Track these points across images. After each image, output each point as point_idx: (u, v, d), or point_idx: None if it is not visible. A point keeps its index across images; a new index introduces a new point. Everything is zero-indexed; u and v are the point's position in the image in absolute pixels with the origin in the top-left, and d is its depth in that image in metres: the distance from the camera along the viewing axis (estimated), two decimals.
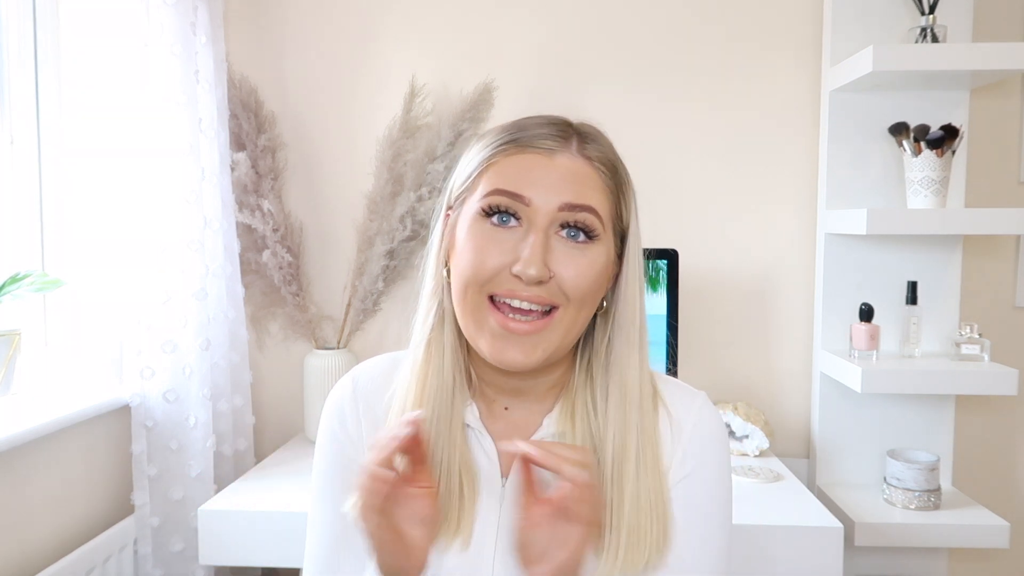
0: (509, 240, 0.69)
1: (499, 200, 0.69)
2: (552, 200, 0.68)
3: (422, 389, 0.75)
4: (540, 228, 0.68)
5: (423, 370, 0.76)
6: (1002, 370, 1.55)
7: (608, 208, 0.72)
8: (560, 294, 0.69)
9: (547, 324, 0.70)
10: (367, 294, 1.83)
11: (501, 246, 0.69)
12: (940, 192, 1.60)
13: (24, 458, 1.33)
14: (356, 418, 0.81)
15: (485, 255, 0.69)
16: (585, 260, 0.70)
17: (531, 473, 0.69)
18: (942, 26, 1.61)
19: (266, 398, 1.94)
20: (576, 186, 0.69)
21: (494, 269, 0.69)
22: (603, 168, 0.72)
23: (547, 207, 0.68)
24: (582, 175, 0.70)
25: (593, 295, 0.72)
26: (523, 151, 0.70)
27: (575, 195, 0.69)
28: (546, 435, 0.77)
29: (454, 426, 0.76)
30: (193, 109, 1.56)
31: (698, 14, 1.83)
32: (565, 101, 1.85)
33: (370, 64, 1.88)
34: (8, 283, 1.38)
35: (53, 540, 1.40)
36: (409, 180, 1.80)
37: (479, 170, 0.71)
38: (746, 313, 1.87)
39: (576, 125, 0.75)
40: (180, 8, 1.53)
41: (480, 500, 0.76)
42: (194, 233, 1.55)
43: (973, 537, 1.55)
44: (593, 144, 0.73)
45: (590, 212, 0.69)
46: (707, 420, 0.78)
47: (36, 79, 1.53)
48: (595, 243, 0.70)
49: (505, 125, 0.74)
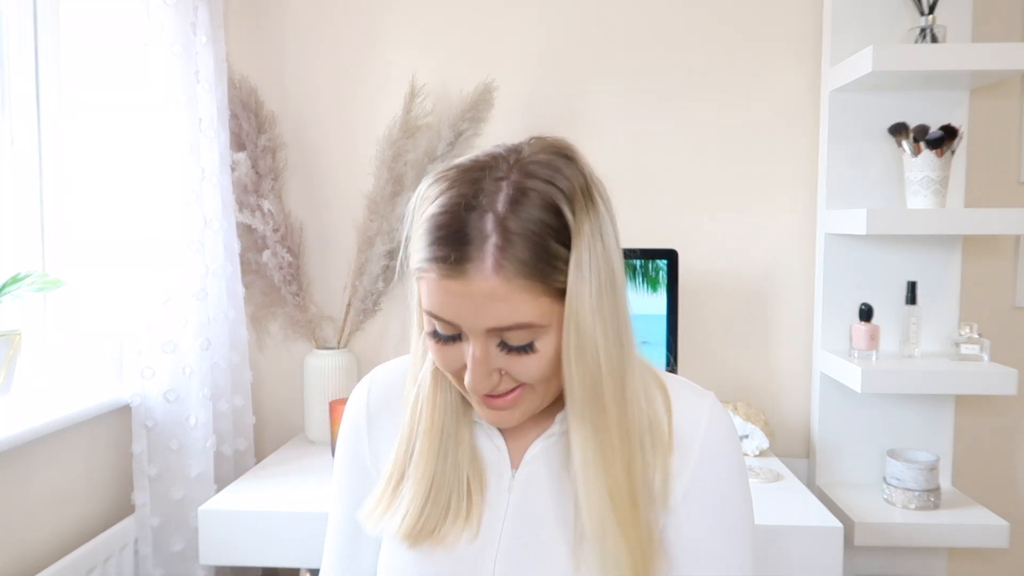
0: (457, 351, 0.71)
1: (435, 323, 0.70)
2: (479, 325, 0.67)
3: (432, 408, 0.78)
4: (477, 346, 0.68)
5: (432, 393, 0.79)
6: (1002, 370, 1.56)
7: (543, 305, 0.67)
8: (519, 382, 0.71)
9: (521, 393, 0.72)
10: (367, 294, 1.83)
11: (453, 357, 0.71)
12: (940, 192, 1.60)
13: (24, 458, 1.33)
14: (368, 427, 0.85)
15: (445, 362, 0.72)
16: (530, 359, 0.69)
17: None
18: (942, 26, 1.62)
19: (266, 398, 1.94)
20: (498, 308, 0.66)
21: (455, 373, 0.72)
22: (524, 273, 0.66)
23: (476, 330, 0.67)
24: (501, 295, 0.65)
25: (555, 369, 0.71)
26: (444, 277, 0.66)
27: (500, 319, 0.66)
28: (556, 432, 0.79)
29: (462, 425, 0.79)
30: (193, 109, 1.56)
31: (698, 14, 1.83)
32: (565, 101, 1.85)
33: (370, 64, 1.88)
34: (8, 283, 1.38)
35: (53, 540, 1.40)
36: (409, 180, 1.80)
37: (417, 274, 0.70)
38: (746, 313, 1.87)
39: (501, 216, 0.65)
40: (180, 8, 1.53)
41: (489, 492, 0.79)
42: (194, 233, 1.55)
43: (973, 537, 1.56)
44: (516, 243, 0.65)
45: (520, 328, 0.67)
46: (716, 425, 0.78)
47: (36, 79, 1.53)
48: (537, 342, 0.69)
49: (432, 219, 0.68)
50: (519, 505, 0.77)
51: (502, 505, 0.78)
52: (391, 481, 0.79)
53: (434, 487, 0.76)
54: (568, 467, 0.75)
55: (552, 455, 0.78)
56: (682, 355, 1.79)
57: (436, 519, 0.76)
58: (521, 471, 0.79)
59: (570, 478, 0.75)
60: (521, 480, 0.78)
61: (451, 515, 0.76)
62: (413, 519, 0.76)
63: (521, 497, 0.78)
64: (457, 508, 0.77)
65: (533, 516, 0.77)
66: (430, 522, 0.76)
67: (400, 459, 0.79)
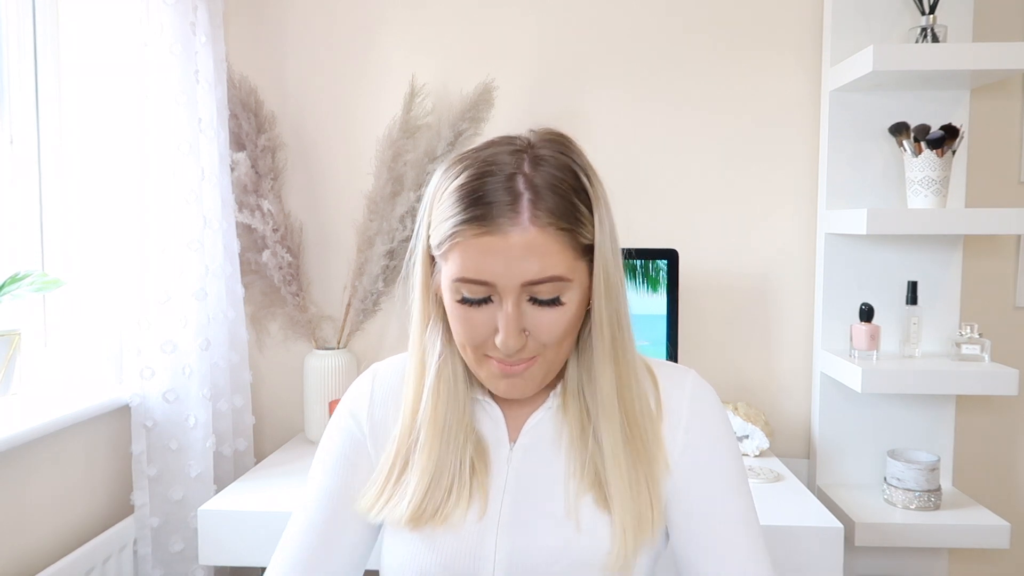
0: (486, 315, 0.76)
1: (468, 288, 0.74)
2: (514, 280, 0.73)
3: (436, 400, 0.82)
4: (509, 303, 0.74)
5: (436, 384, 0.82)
6: (1002, 370, 1.55)
7: (570, 259, 0.74)
8: (538, 346, 0.77)
9: (535, 362, 0.78)
10: (367, 294, 1.82)
11: (481, 321, 0.76)
12: (940, 192, 1.60)
13: (24, 458, 1.33)
14: (369, 415, 0.88)
15: (471, 332, 0.77)
16: (556, 315, 0.76)
17: None
18: (942, 26, 1.61)
19: (266, 398, 1.94)
20: (533, 262, 0.72)
21: (481, 341, 0.77)
22: (557, 224, 0.73)
23: (511, 286, 0.73)
24: (537, 246, 0.72)
25: (572, 332, 0.79)
26: (479, 234, 0.72)
27: (535, 272, 0.73)
28: (551, 405, 0.85)
29: (464, 414, 0.83)
30: (193, 109, 1.56)
31: (698, 13, 1.83)
32: (565, 101, 1.85)
33: (370, 64, 1.88)
34: (8, 283, 1.38)
35: (53, 540, 1.40)
36: (409, 180, 1.80)
37: (448, 244, 0.74)
38: (746, 313, 1.87)
39: (529, 175, 0.73)
40: (180, 8, 1.53)
41: (491, 468, 0.83)
42: (194, 233, 1.55)
43: (973, 537, 1.55)
44: (545, 201, 0.73)
45: (551, 281, 0.74)
46: (701, 391, 0.86)
47: (36, 79, 1.53)
48: (563, 296, 0.75)
49: (462, 188, 0.74)
50: (518, 475, 0.82)
51: (502, 477, 0.83)
52: (393, 471, 0.82)
53: (437, 474, 0.80)
54: (559, 441, 0.82)
55: (548, 427, 0.84)
56: (682, 355, 1.79)
57: (439, 501, 0.80)
58: (519, 442, 0.84)
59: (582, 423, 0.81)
60: (519, 451, 0.84)
61: (454, 496, 0.80)
62: (417, 504, 0.79)
63: (520, 467, 0.83)
64: (460, 490, 0.80)
65: (531, 484, 0.82)
66: (433, 505, 0.79)
67: (403, 450, 0.82)
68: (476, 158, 0.76)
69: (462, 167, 0.75)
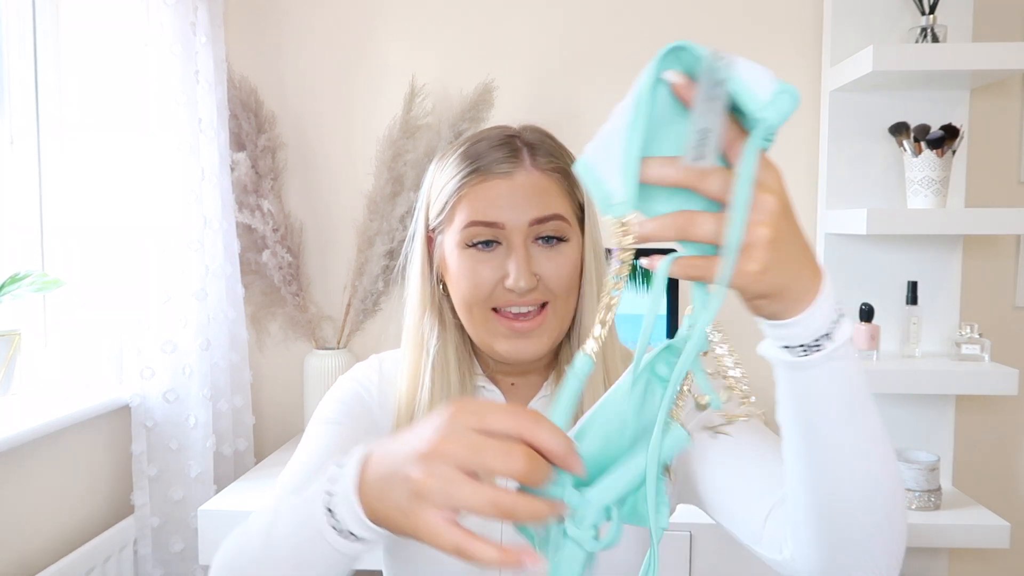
0: (495, 260, 0.79)
1: (478, 231, 0.79)
2: (522, 218, 0.78)
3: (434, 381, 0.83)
4: (519, 244, 0.78)
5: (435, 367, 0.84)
6: (1002, 370, 1.55)
7: (570, 206, 0.82)
8: (548, 291, 0.80)
9: (545, 317, 0.81)
10: (367, 294, 1.83)
11: (490, 267, 0.79)
12: (940, 192, 1.60)
13: (24, 458, 1.33)
14: (379, 389, 0.89)
15: (479, 278, 0.79)
16: (562, 258, 0.80)
17: None
18: (942, 26, 1.61)
19: (266, 398, 1.94)
20: (539, 200, 0.79)
21: (490, 287, 0.79)
22: (557, 172, 0.81)
23: (519, 225, 0.78)
24: (541, 187, 0.79)
25: (575, 283, 0.83)
26: (486, 179, 0.79)
27: (540, 208, 0.79)
28: (545, 395, 0.87)
29: (464, 391, 0.84)
30: (193, 109, 1.56)
31: (698, 13, 1.83)
32: (565, 101, 1.85)
33: (370, 64, 1.88)
34: (8, 283, 1.38)
35: (53, 540, 1.40)
36: (409, 180, 1.80)
37: (452, 201, 0.80)
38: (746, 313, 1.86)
39: (522, 136, 0.83)
40: (180, 8, 1.53)
41: None
42: (194, 233, 1.55)
43: (973, 537, 1.55)
44: (542, 152, 0.81)
45: (556, 219, 0.79)
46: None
47: (36, 79, 1.53)
48: (567, 241, 0.81)
49: (462, 153, 0.81)
50: None
51: None
52: None
53: None
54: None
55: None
56: None
57: None
58: None
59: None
60: None
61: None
62: None
63: None
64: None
65: None
66: None
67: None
68: (467, 139, 0.83)
69: (454, 148, 0.82)
